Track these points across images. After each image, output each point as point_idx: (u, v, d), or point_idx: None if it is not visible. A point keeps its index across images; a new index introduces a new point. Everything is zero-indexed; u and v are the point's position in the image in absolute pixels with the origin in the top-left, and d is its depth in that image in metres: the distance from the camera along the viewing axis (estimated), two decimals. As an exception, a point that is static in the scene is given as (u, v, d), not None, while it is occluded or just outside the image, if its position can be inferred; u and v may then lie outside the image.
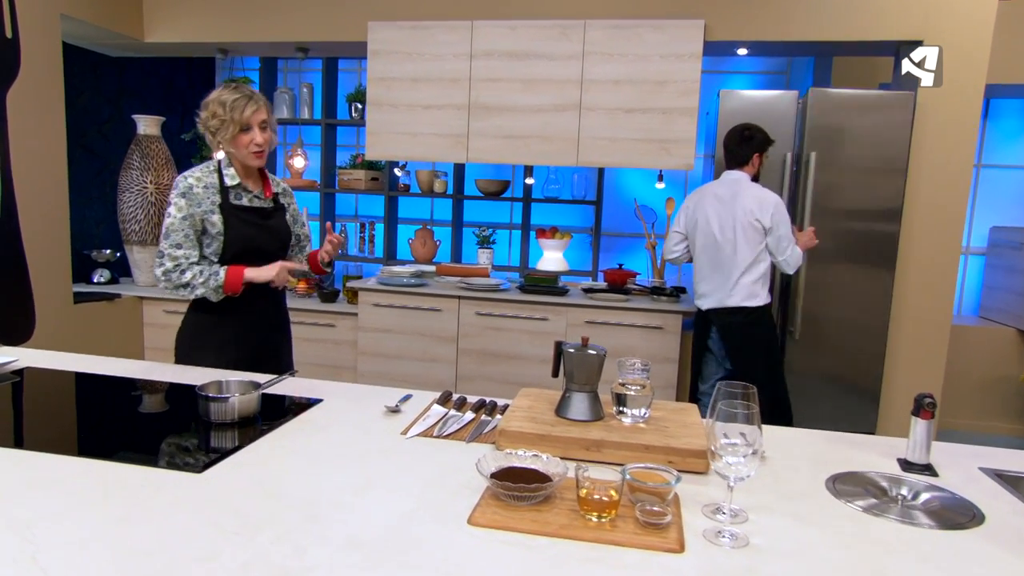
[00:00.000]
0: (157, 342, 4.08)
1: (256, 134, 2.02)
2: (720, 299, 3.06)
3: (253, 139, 2.01)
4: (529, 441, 1.43)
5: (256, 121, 2.01)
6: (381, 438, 1.51)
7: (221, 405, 1.54)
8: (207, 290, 2.01)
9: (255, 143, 2.02)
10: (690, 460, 1.38)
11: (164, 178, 4.19)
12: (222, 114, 1.98)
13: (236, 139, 2.00)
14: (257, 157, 2.05)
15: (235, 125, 1.98)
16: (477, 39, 3.69)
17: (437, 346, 3.78)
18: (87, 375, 1.92)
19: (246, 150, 2.02)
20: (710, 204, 3.07)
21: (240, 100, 1.99)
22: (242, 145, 2.02)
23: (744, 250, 2.98)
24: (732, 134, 3.06)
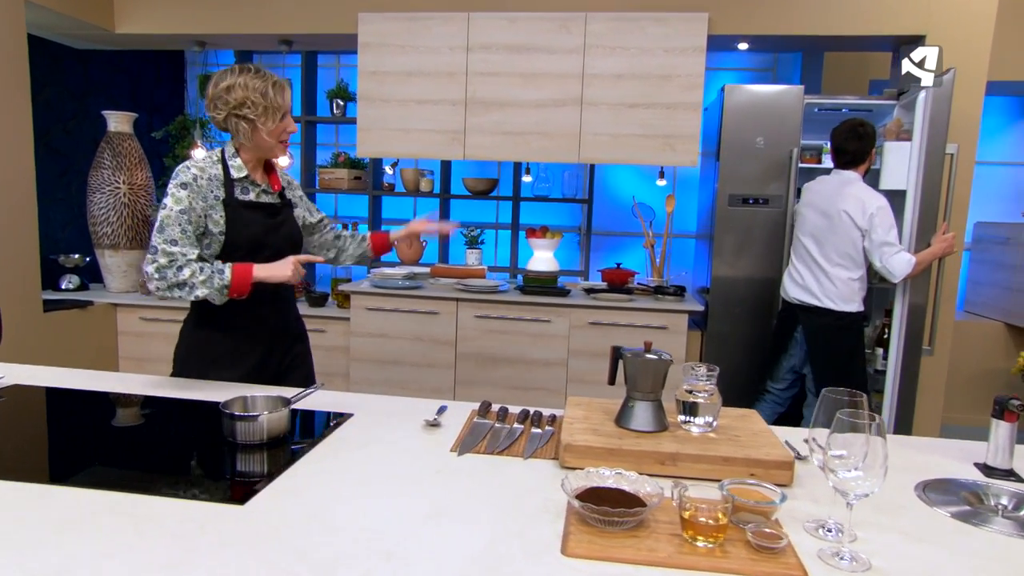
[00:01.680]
0: (133, 351, 3.85)
1: (290, 122, 1.85)
2: (809, 296, 2.95)
3: (287, 127, 1.84)
4: (597, 456, 1.31)
5: (288, 107, 1.86)
6: (431, 457, 1.38)
7: (249, 424, 1.39)
8: (210, 291, 1.75)
9: (288, 130, 1.85)
10: (774, 472, 1.29)
11: (138, 178, 3.95)
12: (262, 101, 1.77)
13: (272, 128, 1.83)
14: (285, 148, 1.88)
15: (279, 111, 1.80)
16: (474, 32, 3.56)
17: (434, 350, 3.64)
18: (79, 392, 1.73)
19: (277, 139, 1.84)
20: (813, 200, 2.99)
21: (279, 84, 1.81)
22: (276, 134, 1.83)
23: (842, 252, 2.86)
24: (844, 131, 2.89)
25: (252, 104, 1.77)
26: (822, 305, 2.92)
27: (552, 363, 3.56)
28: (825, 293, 2.91)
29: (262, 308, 1.91)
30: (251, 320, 1.90)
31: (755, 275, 3.44)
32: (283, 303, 2.00)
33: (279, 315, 1.98)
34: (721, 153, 3.39)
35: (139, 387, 1.78)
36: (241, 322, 1.89)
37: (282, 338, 1.99)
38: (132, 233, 3.93)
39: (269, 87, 1.79)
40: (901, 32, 3.35)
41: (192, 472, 1.30)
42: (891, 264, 2.79)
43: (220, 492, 1.19)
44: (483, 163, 4.50)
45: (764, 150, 3.35)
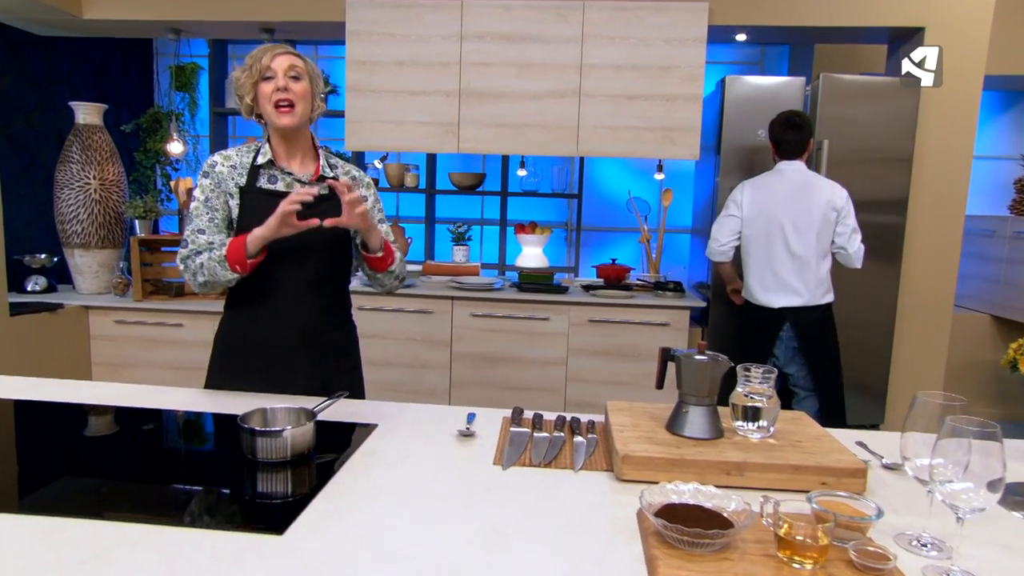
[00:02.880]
0: (107, 356, 3.63)
1: (279, 78, 1.62)
2: (796, 297, 2.87)
3: (275, 84, 1.61)
4: (659, 467, 1.22)
5: (280, 67, 1.63)
6: (474, 472, 1.26)
7: (272, 441, 1.25)
8: (216, 269, 1.60)
9: (276, 88, 1.61)
10: (846, 481, 1.20)
11: (109, 173, 3.73)
12: (243, 69, 1.65)
13: (258, 93, 1.64)
14: (282, 112, 1.62)
15: (255, 73, 1.62)
16: (468, 20, 3.43)
17: (429, 351, 3.51)
18: (68, 406, 1.57)
19: (269, 104, 1.62)
20: (775, 197, 2.87)
21: (263, 48, 1.66)
22: (264, 98, 1.63)
23: (822, 244, 2.84)
24: (781, 121, 2.88)
25: (242, 71, 1.65)
26: (813, 303, 2.87)
27: (551, 362, 3.46)
28: (811, 289, 2.87)
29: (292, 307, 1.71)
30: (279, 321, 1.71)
31: (757, 270, 3.38)
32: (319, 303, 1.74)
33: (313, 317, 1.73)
34: (722, 146, 3.33)
35: (129, 398, 1.63)
36: (268, 325, 1.71)
37: (316, 345, 1.75)
38: (104, 231, 3.71)
39: (254, 52, 1.66)
40: (900, 24, 3.33)
41: (214, 497, 1.16)
42: (860, 250, 2.85)
43: (252, 519, 1.06)
44: (469, 157, 4.38)
45: (765, 142, 3.29)
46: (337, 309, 1.82)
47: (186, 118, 4.51)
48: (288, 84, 1.63)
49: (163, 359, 3.55)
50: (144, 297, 3.61)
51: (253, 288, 1.69)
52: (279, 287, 1.70)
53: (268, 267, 1.66)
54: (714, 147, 3.52)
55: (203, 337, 3.51)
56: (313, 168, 1.76)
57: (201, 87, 4.54)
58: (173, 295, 3.65)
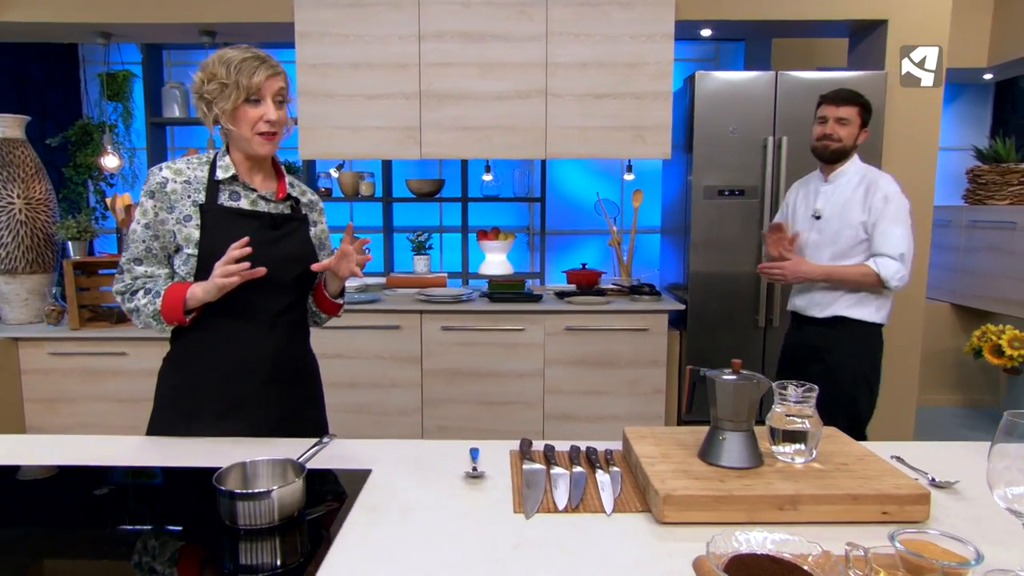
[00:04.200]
0: (41, 392, 3.30)
1: (269, 108, 1.45)
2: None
3: (264, 115, 1.44)
4: (703, 506, 1.08)
5: (270, 91, 1.45)
6: (495, 523, 1.10)
7: (256, 504, 1.06)
8: (146, 318, 1.46)
9: (265, 120, 1.45)
10: (908, 508, 1.09)
11: (36, 191, 3.41)
12: (223, 76, 1.42)
13: (238, 112, 1.44)
14: (266, 141, 1.47)
15: (240, 92, 1.42)
16: (426, 18, 3.25)
17: (397, 369, 3.32)
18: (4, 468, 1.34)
19: (251, 130, 1.45)
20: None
21: (251, 60, 1.43)
22: (246, 122, 1.45)
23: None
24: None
25: (212, 78, 1.44)
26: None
27: (527, 374, 3.32)
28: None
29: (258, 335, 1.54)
30: (243, 351, 1.53)
31: (734, 270, 3.32)
32: (286, 330, 1.59)
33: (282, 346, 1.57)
34: (694, 144, 3.25)
35: (70, 453, 1.40)
36: (229, 356, 1.52)
37: (284, 377, 1.59)
38: (32, 255, 3.39)
39: (237, 61, 1.43)
40: (864, 16, 3.32)
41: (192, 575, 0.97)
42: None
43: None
44: (426, 163, 4.19)
45: (738, 139, 3.23)
46: (301, 336, 1.67)
47: (120, 129, 4.19)
48: (276, 114, 1.47)
49: (106, 392, 3.25)
50: (82, 325, 3.30)
51: (215, 314, 1.49)
52: (247, 315, 1.51)
53: (235, 293, 1.45)
54: (682, 145, 3.44)
55: (150, 366, 3.20)
56: (276, 185, 1.60)
57: (135, 96, 4.22)
58: (114, 321, 3.35)
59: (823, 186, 2.44)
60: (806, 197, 2.50)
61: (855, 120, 2.33)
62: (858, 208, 2.34)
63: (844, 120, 2.32)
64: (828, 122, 2.34)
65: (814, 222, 2.44)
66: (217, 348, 1.51)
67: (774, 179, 3.22)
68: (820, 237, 2.42)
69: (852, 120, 2.33)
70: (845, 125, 2.33)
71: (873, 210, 2.31)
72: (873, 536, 1.04)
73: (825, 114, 2.36)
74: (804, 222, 2.47)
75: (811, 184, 2.51)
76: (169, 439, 1.49)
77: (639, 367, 3.28)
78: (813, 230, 2.44)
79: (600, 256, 4.27)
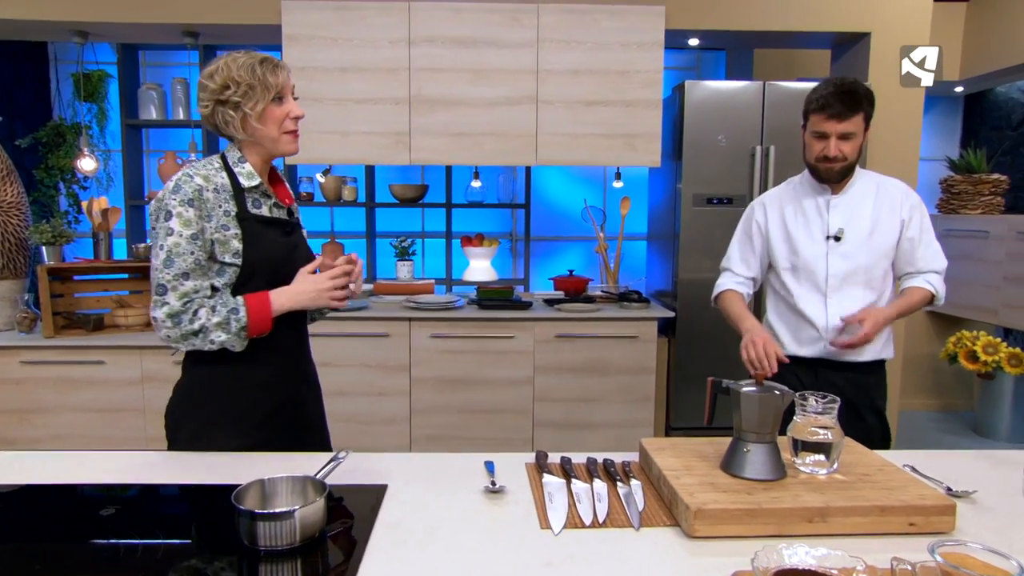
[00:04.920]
0: (12, 402, 3.18)
1: (294, 105, 1.48)
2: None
3: (290, 111, 1.46)
4: (736, 520, 1.07)
5: (290, 87, 1.48)
6: (523, 541, 1.08)
7: (279, 525, 1.02)
8: (228, 336, 1.40)
9: (293, 116, 1.47)
10: (935, 520, 1.10)
11: (7, 193, 3.29)
12: (249, 78, 1.40)
13: (266, 112, 1.43)
14: (293, 139, 1.49)
15: (269, 91, 1.42)
16: (416, 23, 3.22)
17: (386, 377, 3.27)
18: (1, 487, 1.28)
19: (278, 129, 1.45)
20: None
21: (267, 61, 1.44)
22: (273, 121, 1.44)
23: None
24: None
25: (235, 83, 1.41)
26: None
27: (517, 382, 3.30)
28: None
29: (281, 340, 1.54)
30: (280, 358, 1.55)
31: (722, 277, 3.34)
32: (294, 332, 1.59)
33: (293, 350, 1.59)
34: (684, 152, 3.27)
35: (68, 470, 1.34)
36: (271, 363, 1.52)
37: (292, 381, 1.59)
38: (3, 260, 3.27)
39: (256, 63, 1.43)
40: (847, 28, 3.38)
41: (212, 604, 0.93)
42: None
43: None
44: (408, 168, 4.16)
45: (726, 148, 3.26)
46: (307, 342, 1.70)
47: (94, 131, 4.07)
48: (300, 109, 1.50)
49: (83, 402, 3.14)
50: (56, 333, 3.19)
51: None
52: (285, 321, 1.51)
53: None
54: (670, 153, 3.46)
55: (129, 375, 3.13)
56: (282, 190, 1.61)
57: (111, 97, 4.11)
58: (91, 329, 3.24)
59: (835, 199, 1.90)
60: (802, 216, 1.93)
61: (861, 128, 1.81)
62: (893, 221, 1.88)
63: (849, 136, 1.80)
64: (830, 140, 1.80)
65: (833, 246, 1.88)
66: (252, 355, 1.47)
67: (762, 188, 3.25)
68: (846, 264, 1.87)
69: (858, 132, 1.80)
70: (850, 139, 1.80)
71: (912, 223, 1.88)
72: (901, 547, 1.04)
73: (824, 130, 1.80)
74: (811, 247, 1.90)
75: (806, 199, 1.94)
76: (179, 454, 1.44)
77: (629, 374, 3.28)
78: (833, 255, 1.88)
79: (583, 262, 4.27)
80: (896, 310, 1.86)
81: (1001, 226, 4.00)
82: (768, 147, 3.24)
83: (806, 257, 1.91)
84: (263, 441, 1.47)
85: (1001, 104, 4.65)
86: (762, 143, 3.25)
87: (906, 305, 1.89)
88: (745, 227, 2.06)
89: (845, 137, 1.80)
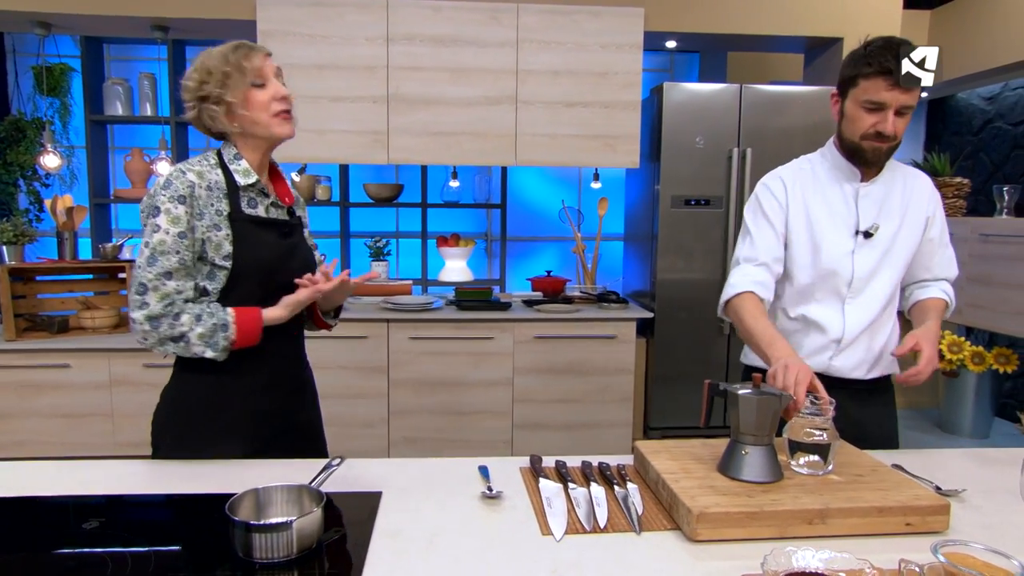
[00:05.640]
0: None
1: (277, 86, 1.40)
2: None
3: (275, 93, 1.39)
4: (736, 523, 1.07)
5: (271, 71, 1.40)
6: (525, 547, 1.07)
7: (275, 537, 0.99)
8: (207, 347, 1.35)
9: (278, 97, 1.39)
10: (930, 519, 1.12)
11: (-34, 191, 3.16)
12: (221, 66, 1.35)
13: (249, 98, 1.36)
14: (284, 120, 1.41)
15: (245, 75, 1.35)
16: (394, 21, 3.18)
17: (363, 379, 3.23)
18: (-27, 500, 1.22)
19: (266, 113, 1.38)
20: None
21: (241, 48, 1.38)
22: (259, 106, 1.37)
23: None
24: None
25: (210, 73, 1.36)
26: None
27: (496, 383, 3.28)
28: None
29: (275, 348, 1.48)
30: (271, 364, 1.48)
31: (701, 278, 3.38)
32: (300, 340, 1.58)
33: (287, 357, 1.53)
34: (662, 153, 3.29)
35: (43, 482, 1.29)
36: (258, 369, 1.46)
37: (286, 388, 1.53)
38: (-37, 260, 3.14)
39: (230, 50, 1.37)
40: (820, 34, 3.44)
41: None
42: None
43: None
44: (382, 168, 4.11)
45: (703, 150, 3.29)
46: (302, 348, 1.61)
47: (57, 127, 3.94)
48: (286, 89, 1.42)
49: (47, 407, 3.03)
50: (18, 335, 3.08)
51: None
52: (273, 335, 1.44)
53: (265, 304, 1.44)
54: (648, 154, 3.48)
55: (96, 378, 3.03)
56: (282, 188, 1.54)
57: (74, 91, 3.98)
58: (55, 331, 3.14)
59: (864, 187, 1.60)
60: (826, 205, 1.61)
61: (918, 100, 1.51)
62: (919, 218, 1.62)
63: (907, 109, 1.49)
64: (887, 113, 1.47)
65: (861, 243, 1.59)
66: (243, 362, 1.42)
67: (739, 189, 3.29)
68: (872, 264, 1.59)
69: (915, 104, 1.50)
70: (906, 115, 1.50)
71: (936, 222, 1.64)
72: (899, 547, 1.06)
73: (883, 100, 1.46)
74: (837, 243, 1.59)
75: (830, 186, 1.62)
76: (165, 462, 1.39)
77: (608, 375, 3.29)
78: (861, 254, 1.59)
79: (559, 263, 4.28)
80: (937, 326, 1.57)
81: (964, 228, 4.11)
82: (745, 149, 3.27)
83: (830, 254, 1.59)
84: (255, 450, 1.43)
85: (962, 110, 4.78)
86: (739, 145, 3.29)
87: (940, 319, 1.60)
88: (761, 204, 1.67)
89: (903, 111, 1.48)
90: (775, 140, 3.28)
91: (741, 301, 1.56)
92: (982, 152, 4.62)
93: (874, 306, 1.60)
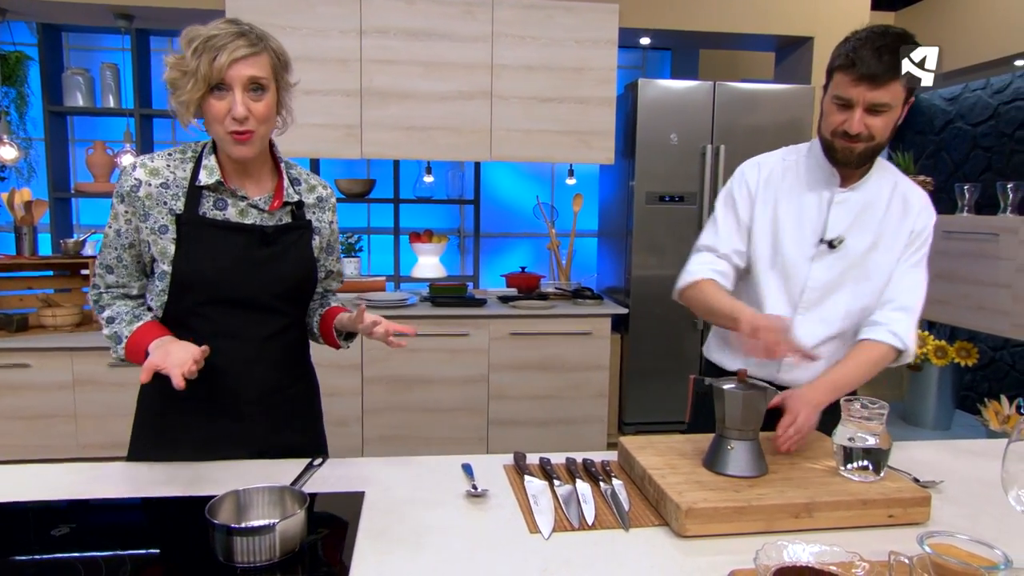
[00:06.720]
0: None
1: (235, 101, 1.19)
2: None
3: (232, 109, 1.19)
4: (725, 518, 1.08)
5: (239, 77, 1.18)
6: (514, 546, 1.05)
7: (257, 540, 0.96)
8: (112, 349, 1.31)
9: (233, 116, 1.19)
10: (912, 511, 1.14)
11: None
12: (177, 62, 1.19)
13: (205, 106, 1.21)
14: (237, 140, 1.22)
15: (199, 80, 1.17)
16: (368, 13, 3.13)
17: (337, 376, 3.18)
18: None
19: (220, 127, 1.21)
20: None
21: (217, 39, 1.17)
22: (213, 117, 1.21)
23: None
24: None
25: (175, 63, 1.19)
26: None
27: (472, 380, 3.26)
28: None
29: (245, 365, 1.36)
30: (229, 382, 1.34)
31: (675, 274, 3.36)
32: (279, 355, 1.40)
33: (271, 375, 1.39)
34: (637, 150, 3.30)
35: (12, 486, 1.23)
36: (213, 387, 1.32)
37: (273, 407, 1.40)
38: (-87, 257, 3.01)
39: (201, 40, 1.17)
40: (791, 32, 3.48)
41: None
42: None
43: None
44: (354, 163, 4.05)
45: (678, 146, 3.31)
46: (295, 359, 1.48)
47: (13, 117, 3.79)
48: (248, 106, 1.20)
49: (7, 408, 2.93)
50: (-26, 335, 2.96)
51: (198, 342, 1.24)
52: (231, 342, 1.32)
53: (216, 318, 1.31)
54: (623, 151, 3.49)
55: (57, 378, 2.93)
56: (272, 187, 1.35)
57: (31, 81, 3.84)
58: (14, 329, 3.02)
59: (842, 194, 1.47)
60: (798, 208, 1.50)
61: (899, 99, 1.35)
62: (901, 233, 1.47)
63: (882, 108, 1.34)
64: (854, 110, 1.35)
65: (824, 252, 1.47)
66: (199, 379, 1.20)
67: (712, 186, 3.32)
68: (836, 276, 1.47)
69: (895, 104, 1.34)
70: (882, 113, 1.35)
71: (917, 239, 1.48)
72: (884, 539, 1.07)
73: (850, 96, 1.34)
74: (795, 247, 1.49)
75: (806, 185, 1.50)
76: (144, 464, 1.33)
77: (583, 371, 3.30)
78: (821, 264, 1.48)
79: (532, 259, 4.27)
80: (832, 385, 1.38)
81: (928, 225, 4.23)
82: (719, 146, 3.30)
83: (787, 255, 1.49)
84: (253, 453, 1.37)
85: (924, 110, 4.89)
86: (712, 142, 3.32)
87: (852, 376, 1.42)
88: (732, 192, 1.58)
89: (876, 110, 1.33)
90: (748, 137, 3.31)
91: (700, 285, 1.53)
92: (943, 151, 4.74)
93: (832, 323, 1.48)
